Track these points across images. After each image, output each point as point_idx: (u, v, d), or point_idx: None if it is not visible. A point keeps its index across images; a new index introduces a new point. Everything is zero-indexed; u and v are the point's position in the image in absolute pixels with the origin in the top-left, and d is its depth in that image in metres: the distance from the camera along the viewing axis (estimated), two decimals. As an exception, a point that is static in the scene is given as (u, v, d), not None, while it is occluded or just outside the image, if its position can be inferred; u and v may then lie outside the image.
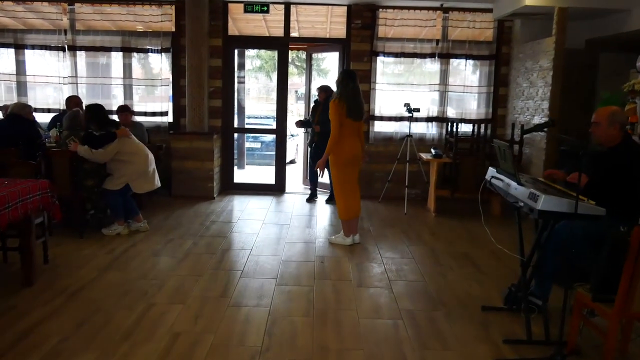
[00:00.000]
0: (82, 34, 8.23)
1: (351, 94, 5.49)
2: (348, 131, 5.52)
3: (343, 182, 5.72)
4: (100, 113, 5.84)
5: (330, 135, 5.52)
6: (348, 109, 5.44)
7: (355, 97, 5.53)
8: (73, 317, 3.85)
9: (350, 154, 5.60)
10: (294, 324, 3.86)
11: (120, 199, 5.90)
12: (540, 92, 6.87)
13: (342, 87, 5.53)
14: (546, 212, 3.22)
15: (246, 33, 9.09)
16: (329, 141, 5.55)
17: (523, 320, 3.90)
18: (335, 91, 5.66)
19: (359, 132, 5.70)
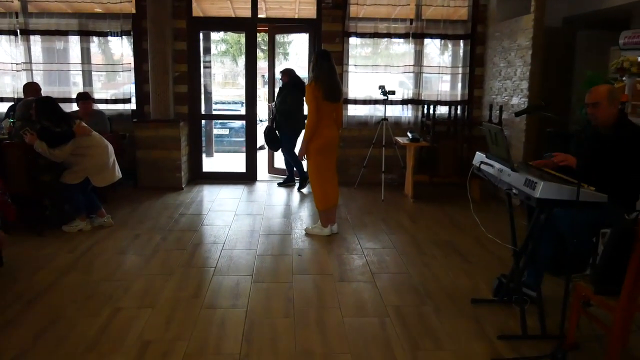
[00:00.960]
0: (35, 17, 7.69)
1: (327, 75, 5.17)
2: (325, 115, 5.22)
3: (320, 170, 5.43)
4: (54, 109, 5.39)
5: (307, 120, 5.21)
6: (325, 91, 5.12)
7: (332, 78, 5.20)
8: (31, 327, 3.49)
9: (327, 141, 5.31)
10: (274, 327, 3.57)
11: (80, 193, 5.51)
12: (519, 72, 6.67)
13: (317, 69, 5.21)
14: (545, 200, 2.99)
15: (211, 14, 8.66)
16: (306, 127, 5.24)
17: (516, 313, 3.71)
18: (311, 75, 5.32)
19: (337, 115, 5.43)
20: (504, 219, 5.84)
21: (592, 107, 3.58)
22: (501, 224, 5.71)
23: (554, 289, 4.10)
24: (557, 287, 4.13)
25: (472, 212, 4.25)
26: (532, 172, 3.26)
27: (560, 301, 3.79)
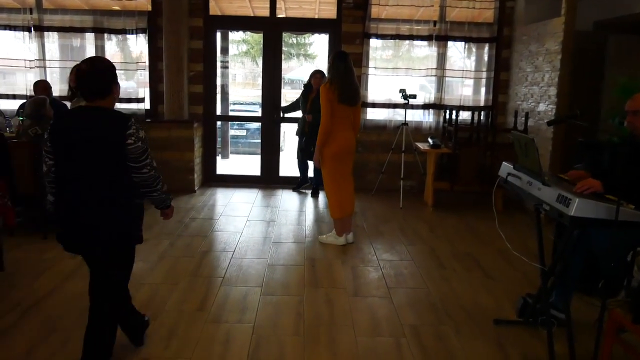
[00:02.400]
0: (49, 13, 7.57)
1: (343, 76, 4.91)
2: (340, 120, 4.97)
3: (335, 177, 5.19)
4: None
5: (321, 124, 4.97)
6: (340, 93, 4.87)
7: (348, 80, 4.94)
8: (25, 338, 3.31)
9: (343, 146, 5.07)
10: (282, 345, 3.34)
11: None
12: (547, 77, 6.37)
13: (332, 70, 4.97)
14: (580, 219, 2.71)
15: (229, 13, 8.48)
16: (319, 132, 5.00)
17: (541, 336, 3.45)
18: (327, 76, 5.08)
19: (355, 119, 5.16)
20: (529, 232, 5.60)
21: (633, 115, 3.28)
22: (526, 237, 5.45)
23: (583, 310, 3.83)
24: (586, 308, 3.86)
25: (496, 225, 3.98)
26: (563, 186, 2.99)
27: (589, 324, 3.56)
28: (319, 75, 7.11)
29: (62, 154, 2.75)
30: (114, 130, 2.68)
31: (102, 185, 2.71)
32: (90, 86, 2.73)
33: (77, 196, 2.73)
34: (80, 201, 2.73)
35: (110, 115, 2.76)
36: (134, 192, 2.84)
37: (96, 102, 2.75)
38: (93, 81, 2.73)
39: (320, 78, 7.03)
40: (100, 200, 2.72)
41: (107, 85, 2.75)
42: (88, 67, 2.74)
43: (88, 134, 2.69)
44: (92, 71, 2.73)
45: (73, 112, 2.85)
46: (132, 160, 2.74)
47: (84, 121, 2.74)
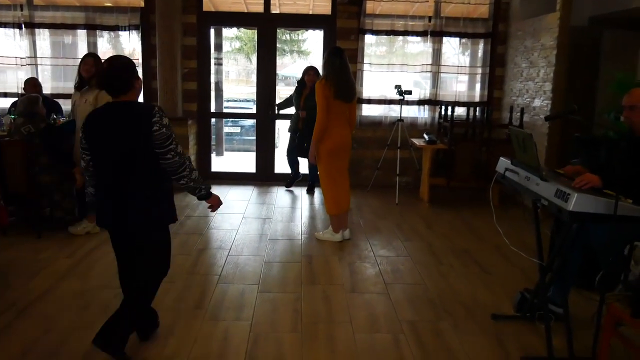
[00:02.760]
0: (40, 10, 7.49)
1: (339, 72, 4.87)
2: (336, 116, 4.95)
3: (330, 173, 5.17)
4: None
5: (316, 121, 4.95)
6: (336, 89, 4.84)
7: (344, 76, 4.91)
8: (20, 339, 3.27)
9: (339, 142, 5.04)
10: (280, 342, 3.32)
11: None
12: (542, 73, 6.36)
13: (328, 66, 4.94)
14: (579, 214, 2.70)
15: (223, 9, 8.43)
16: (315, 128, 4.98)
17: (540, 331, 3.45)
18: (323, 72, 5.06)
19: (351, 116, 5.15)
20: (526, 227, 5.59)
21: (630, 110, 3.27)
22: (523, 232, 5.44)
23: (581, 305, 3.83)
24: (584, 303, 3.86)
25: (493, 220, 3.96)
26: (562, 182, 2.98)
27: (587, 319, 3.56)
28: (312, 72, 7.03)
29: (96, 149, 2.96)
30: (141, 120, 2.85)
31: (133, 174, 2.91)
32: (113, 84, 2.92)
33: (113, 186, 2.95)
34: (115, 191, 2.95)
35: (135, 108, 2.95)
36: (164, 179, 3.03)
37: (120, 98, 2.94)
38: (114, 79, 2.91)
39: (313, 75, 6.97)
40: (132, 188, 2.93)
41: (127, 81, 2.93)
42: (108, 66, 2.95)
43: (117, 128, 2.88)
44: (111, 70, 2.93)
45: (102, 110, 3.03)
46: (157, 147, 2.88)
47: (112, 116, 2.93)
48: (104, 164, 2.96)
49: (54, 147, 5.15)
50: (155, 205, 3.01)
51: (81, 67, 5.12)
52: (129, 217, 2.97)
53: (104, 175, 2.99)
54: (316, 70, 7.01)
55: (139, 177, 2.92)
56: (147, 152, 2.88)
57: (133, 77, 2.95)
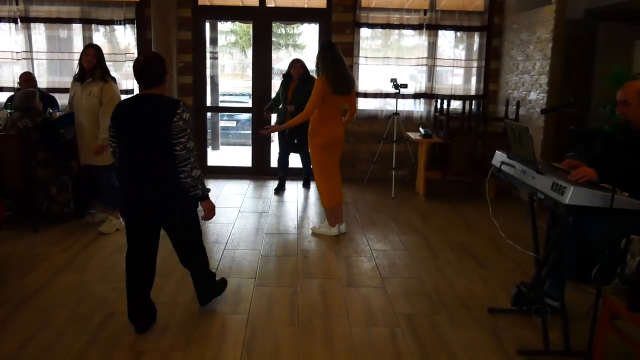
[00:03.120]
0: (36, 4, 7.45)
1: (333, 67, 4.85)
2: (333, 110, 4.96)
3: (325, 167, 5.17)
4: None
5: (305, 109, 4.93)
6: (334, 84, 4.83)
7: (340, 70, 4.89)
8: (16, 334, 3.27)
9: (333, 137, 5.05)
10: (277, 336, 3.33)
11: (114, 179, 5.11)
12: (538, 66, 6.37)
13: (322, 62, 4.90)
14: (575, 207, 2.71)
15: (218, 3, 8.39)
16: (301, 114, 4.99)
17: (536, 325, 3.46)
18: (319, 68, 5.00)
19: (351, 107, 5.23)
20: (521, 220, 5.60)
21: (623, 105, 3.28)
22: (519, 225, 5.45)
23: (577, 298, 3.84)
24: (580, 296, 3.87)
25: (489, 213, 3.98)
26: (558, 175, 2.98)
27: (583, 312, 3.57)
28: (298, 65, 6.75)
29: (124, 137, 3.16)
30: (166, 111, 3.07)
31: (157, 160, 3.11)
32: (146, 77, 3.15)
33: (138, 172, 3.16)
34: (141, 177, 3.16)
35: (163, 100, 3.16)
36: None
37: (150, 90, 3.16)
38: (149, 72, 3.14)
39: (300, 67, 6.73)
40: (158, 175, 3.14)
41: (160, 75, 3.17)
42: (144, 60, 3.18)
43: (145, 118, 3.10)
44: (147, 63, 3.16)
45: (132, 100, 3.23)
46: (172, 137, 3.06)
47: (141, 107, 3.14)
48: (132, 151, 3.14)
49: (51, 141, 5.14)
50: (180, 192, 3.19)
51: (82, 58, 5.01)
52: (159, 203, 3.18)
53: (131, 162, 3.17)
54: (302, 62, 6.81)
55: (163, 163, 3.11)
56: (168, 141, 3.07)
57: (165, 71, 3.19)
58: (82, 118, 5.04)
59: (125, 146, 3.17)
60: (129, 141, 3.14)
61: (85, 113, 4.99)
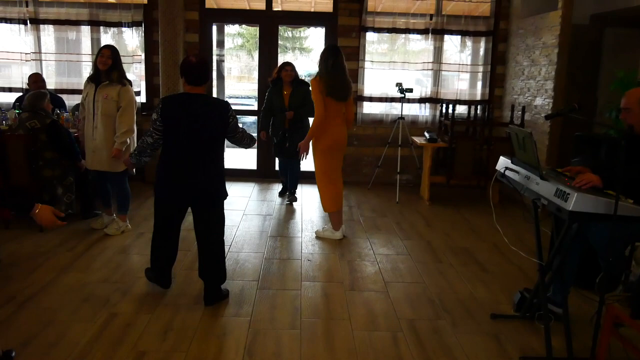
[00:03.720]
0: (45, 6, 7.50)
1: (331, 72, 4.90)
2: (332, 114, 4.98)
3: (327, 171, 5.19)
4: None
5: (315, 115, 4.94)
6: (328, 88, 4.87)
7: (336, 75, 4.92)
8: (20, 331, 3.29)
9: (337, 140, 5.08)
10: (279, 339, 3.34)
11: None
12: (544, 71, 6.36)
13: (321, 64, 4.97)
14: (579, 214, 2.71)
15: (225, 6, 8.43)
16: (313, 122, 4.99)
17: (539, 331, 3.46)
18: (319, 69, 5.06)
19: (348, 114, 5.19)
20: (525, 226, 5.61)
21: (625, 112, 3.29)
22: (522, 230, 5.47)
23: (580, 305, 3.83)
24: (583, 303, 3.86)
25: (492, 219, 3.98)
26: (562, 181, 2.98)
27: (586, 319, 3.57)
28: (289, 68, 6.40)
29: (179, 131, 3.52)
30: (220, 112, 3.59)
31: (206, 153, 3.59)
32: (199, 75, 3.55)
33: (187, 163, 3.56)
34: (189, 167, 3.56)
35: (212, 100, 3.72)
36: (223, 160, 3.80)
37: (196, 89, 3.58)
38: (204, 72, 3.57)
39: (290, 70, 6.40)
40: (212, 165, 3.62)
41: (208, 75, 3.63)
42: (197, 61, 3.57)
43: (201, 116, 3.52)
44: (201, 64, 3.56)
45: (181, 97, 3.60)
46: (231, 131, 3.67)
47: (194, 105, 3.54)
48: (186, 143, 3.53)
49: (59, 142, 5.17)
50: (221, 182, 3.74)
51: (97, 59, 4.94)
52: (210, 190, 3.67)
53: (184, 153, 3.55)
54: (292, 65, 6.49)
55: (217, 155, 3.66)
56: (221, 138, 3.64)
57: (211, 72, 3.61)
58: (97, 121, 4.93)
59: (177, 138, 3.53)
60: (184, 134, 3.51)
61: (100, 116, 4.90)
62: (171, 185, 3.62)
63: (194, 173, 3.57)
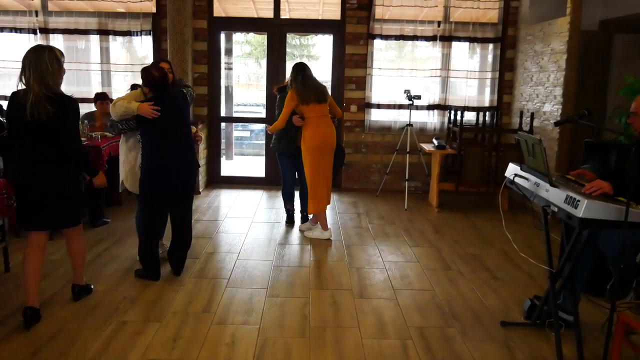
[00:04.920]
0: (55, 15, 7.59)
1: (303, 83, 5.34)
2: (317, 116, 5.35)
3: (315, 170, 5.38)
4: None
5: (279, 120, 5.44)
6: (303, 96, 5.30)
7: (308, 83, 5.36)
8: (30, 340, 3.30)
9: (322, 140, 5.35)
10: (288, 347, 3.33)
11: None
12: (552, 78, 6.34)
13: (292, 81, 5.40)
14: (590, 221, 2.69)
15: (233, 14, 8.47)
16: (276, 123, 5.49)
17: (549, 338, 3.43)
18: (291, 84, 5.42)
19: (333, 110, 5.59)
20: (534, 232, 5.57)
21: (634, 116, 3.27)
22: (532, 237, 5.44)
23: (590, 312, 3.80)
24: (594, 310, 3.82)
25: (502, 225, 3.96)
26: (572, 188, 2.96)
27: (597, 326, 3.54)
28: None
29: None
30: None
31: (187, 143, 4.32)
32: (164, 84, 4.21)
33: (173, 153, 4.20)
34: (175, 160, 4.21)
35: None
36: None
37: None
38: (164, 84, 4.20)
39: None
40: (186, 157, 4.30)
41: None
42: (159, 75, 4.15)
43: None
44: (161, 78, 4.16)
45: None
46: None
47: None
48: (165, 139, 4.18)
49: None
50: (196, 165, 4.51)
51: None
52: (186, 178, 4.31)
53: (165, 148, 4.15)
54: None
55: (189, 145, 4.37)
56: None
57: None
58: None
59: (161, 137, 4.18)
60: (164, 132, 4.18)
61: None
62: (158, 180, 4.26)
63: (177, 165, 4.30)
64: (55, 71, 3.41)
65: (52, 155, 3.44)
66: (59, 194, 3.50)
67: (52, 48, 3.50)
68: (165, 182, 4.17)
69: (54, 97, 3.37)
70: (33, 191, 3.44)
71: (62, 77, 3.53)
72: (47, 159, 3.43)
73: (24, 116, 3.31)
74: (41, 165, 3.43)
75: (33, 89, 3.32)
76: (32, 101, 3.30)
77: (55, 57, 3.43)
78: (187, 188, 4.35)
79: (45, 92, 3.34)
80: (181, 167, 4.25)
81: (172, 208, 4.38)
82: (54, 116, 3.36)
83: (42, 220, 3.54)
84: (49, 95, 3.35)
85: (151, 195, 4.22)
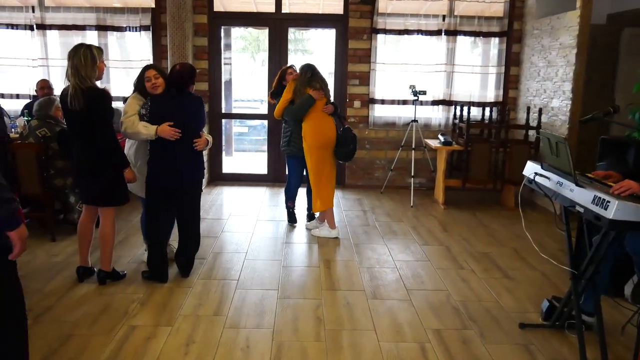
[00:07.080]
0: (52, 11, 7.43)
1: (312, 77, 5.32)
2: (317, 114, 5.28)
3: (319, 168, 5.30)
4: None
5: (277, 107, 5.50)
6: (309, 84, 5.29)
7: (316, 76, 5.34)
8: (38, 347, 3.19)
9: (325, 137, 5.28)
10: (304, 351, 3.24)
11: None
12: (561, 72, 6.26)
13: (302, 77, 5.37)
14: (620, 222, 2.60)
15: (233, 9, 8.34)
16: (277, 107, 5.51)
17: (570, 341, 3.38)
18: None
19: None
20: (544, 230, 5.51)
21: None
22: (542, 235, 5.38)
23: (611, 313, 3.73)
24: (614, 311, 3.75)
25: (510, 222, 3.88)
26: (598, 188, 2.87)
27: (618, 328, 3.47)
28: (291, 69, 5.83)
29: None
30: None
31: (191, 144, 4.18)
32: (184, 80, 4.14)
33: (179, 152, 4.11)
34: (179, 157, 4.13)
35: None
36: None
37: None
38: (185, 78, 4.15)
39: (293, 70, 5.81)
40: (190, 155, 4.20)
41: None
42: (180, 68, 4.13)
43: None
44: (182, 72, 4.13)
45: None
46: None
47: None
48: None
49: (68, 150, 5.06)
50: (202, 166, 4.37)
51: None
52: (191, 176, 4.23)
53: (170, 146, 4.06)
54: (294, 67, 5.92)
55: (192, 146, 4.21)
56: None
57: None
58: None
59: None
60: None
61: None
62: (161, 174, 4.21)
63: (180, 161, 4.19)
64: (88, 65, 3.74)
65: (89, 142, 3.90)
66: (93, 176, 3.94)
67: (89, 45, 3.84)
68: (171, 176, 4.10)
69: (86, 90, 3.74)
70: (77, 171, 4.06)
71: (96, 71, 3.82)
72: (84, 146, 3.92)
73: (67, 106, 3.79)
74: (82, 150, 3.94)
75: (71, 81, 3.76)
76: (71, 93, 3.73)
77: (90, 53, 3.77)
78: (193, 182, 4.25)
79: (80, 85, 3.72)
80: (188, 164, 4.18)
81: (179, 206, 4.26)
82: (86, 108, 3.75)
83: (83, 195, 4.13)
84: (83, 88, 3.72)
85: (157, 191, 4.13)
